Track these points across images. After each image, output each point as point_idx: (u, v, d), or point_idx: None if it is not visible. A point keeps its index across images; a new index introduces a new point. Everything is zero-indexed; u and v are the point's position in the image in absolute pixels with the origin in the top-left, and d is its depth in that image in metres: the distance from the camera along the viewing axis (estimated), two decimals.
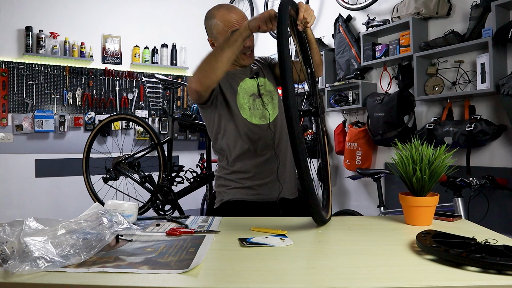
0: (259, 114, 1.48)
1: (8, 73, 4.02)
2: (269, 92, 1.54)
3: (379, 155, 3.25)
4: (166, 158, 2.61)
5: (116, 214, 0.92)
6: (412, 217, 1.07)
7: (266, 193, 1.45)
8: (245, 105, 1.48)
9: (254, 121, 1.47)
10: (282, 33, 0.99)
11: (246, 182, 1.45)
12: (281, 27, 1.00)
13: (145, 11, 4.71)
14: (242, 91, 1.49)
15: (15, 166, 4.03)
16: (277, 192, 1.44)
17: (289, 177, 1.51)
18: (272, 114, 1.50)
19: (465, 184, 2.07)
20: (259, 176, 1.45)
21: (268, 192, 1.45)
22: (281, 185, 1.44)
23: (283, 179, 1.46)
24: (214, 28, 1.46)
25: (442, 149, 1.05)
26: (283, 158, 1.48)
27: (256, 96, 1.50)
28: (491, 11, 2.28)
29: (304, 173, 0.95)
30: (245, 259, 0.79)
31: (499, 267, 0.68)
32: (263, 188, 1.45)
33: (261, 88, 1.52)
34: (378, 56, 3.05)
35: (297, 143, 0.95)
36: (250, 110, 1.48)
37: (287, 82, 0.96)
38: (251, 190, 1.45)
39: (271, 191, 1.45)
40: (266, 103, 1.51)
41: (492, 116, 2.43)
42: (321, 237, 0.96)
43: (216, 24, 1.45)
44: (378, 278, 0.68)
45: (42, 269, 0.69)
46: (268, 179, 1.45)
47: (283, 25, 1.01)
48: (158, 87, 4.73)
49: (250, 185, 1.45)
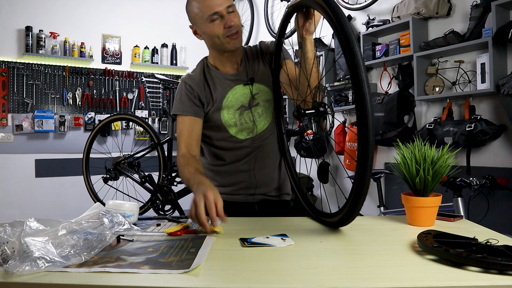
0: (247, 129, 1.38)
1: (8, 73, 4.02)
2: (265, 102, 1.39)
3: (379, 155, 3.25)
4: (166, 158, 2.61)
5: (117, 215, 0.92)
6: (414, 218, 1.07)
7: (239, 197, 1.42)
8: (231, 121, 1.36)
9: (240, 136, 1.38)
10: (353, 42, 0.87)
11: (217, 182, 1.43)
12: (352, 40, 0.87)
13: (145, 11, 4.71)
14: (227, 106, 1.36)
15: (15, 166, 4.03)
16: (251, 195, 1.41)
17: (269, 180, 1.44)
18: (263, 125, 1.39)
19: (465, 184, 2.07)
20: (231, 178, 1.42)
21: (238, 195, 1.42)
22: (255, 189, 1.41)
23: (261, 183, 1.42)
24: (190, 12, 1.32)
25: (445, 149, 1.05)
26: (261, 162, 1.42)
27: (245, 108, 1.37)
28: (491, 11, 2.28)
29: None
30: (246, 259, 0.79)
31: (500, 267, 0.68)
32: (236, 191, 1.42)
33: (256, 97, 1.37)
34: (378, 56, 3.05)
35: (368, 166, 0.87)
36: (237, 126, 1.37)
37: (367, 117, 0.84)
38: (223, 188, 1.42)
39: (244, 194, 1.42)
40: (259, 114, 1.38)
41: (492, 116, 2.43)
42: (322, 237, 0.96)
43: (193, 6, 1.30)
44: (379, 278, 0.68)
45: (42, 269, 0.69)
46: (242, 184, 1.41)
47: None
48: (158, 87, 4.72)
49: (222, 185, 1.43)
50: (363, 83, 0.84)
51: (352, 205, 0.90)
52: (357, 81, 0.84)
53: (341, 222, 0.98)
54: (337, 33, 0.89)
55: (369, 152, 0.85)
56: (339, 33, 0.88)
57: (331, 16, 0.90)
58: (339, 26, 0.88)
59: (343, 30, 0.88)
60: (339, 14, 0.89)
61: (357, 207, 0.90)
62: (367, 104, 0.83)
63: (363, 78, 0.84)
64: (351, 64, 0.85)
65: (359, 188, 0.87)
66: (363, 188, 0.87)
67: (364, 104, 0.83)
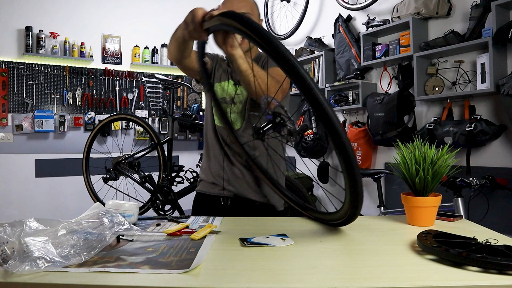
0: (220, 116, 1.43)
1: (8, 73, 4.02)
2: (241, 103, 1.44)
3: (379, 155, 3.25)
4: (166, 158, 2.61)
5: (117, 215, 0.92)
6: (414, 218, 1.07)
7: (215, 189, 1.47)
8: (221, 97, 1.46)
9: (217, 122, 1.46)
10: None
11: (201, 174, 1.54)
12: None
13: (145, 11, 4.71)
14: (219, 89, 1.46)
15: (15, 166, 4.03)
16: (229, 189, 1.44)
17: (244, 178, 1.45)
18: (234, 123, 1.43)
19: (465, 184, 2.07)
20: (211, 171, 1.49)
21: (215, 188, 1.47)
22: (226, 183, 1.44)
23: (234, 179, 1.44)
24: None
25: (445, 149, 1.05)
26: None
27: (226, 102, 1.45)
28: (491, 11, 2.29)
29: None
30: (246, 259, 0.79)
31: (500, 267, 0.68)
32: (215, 183, 1.48)
33: (237, 96, 1.44)
34: (378, 56, 3.05)
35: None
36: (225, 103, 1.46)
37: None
38: (204, 182, 1.52)
39: (222, 187, 1.46)
40: (233, 111, 1.43)
41: (492, 116, 2.43)
42: (322, 237, 0.96)
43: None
44: (379, 278, 0.68)
45: (42, 269, 0.69)
46: (216, 177, 1.48)
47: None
48: (158, 87, 4.73)
49: (204, 178, 1.52)
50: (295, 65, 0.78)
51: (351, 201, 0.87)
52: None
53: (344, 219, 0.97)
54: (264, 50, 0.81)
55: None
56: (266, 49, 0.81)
57: (253, 37, 0.83)
58: (265, 42, 0.81)
59: (269, 44, 0.80)
60: (262, 31, 0.81)
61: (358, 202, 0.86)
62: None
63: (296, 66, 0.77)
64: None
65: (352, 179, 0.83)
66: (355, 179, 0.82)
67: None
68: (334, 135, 0.78)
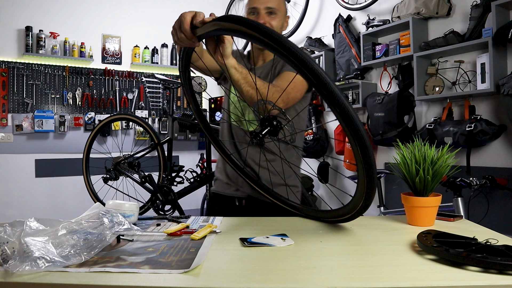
0: (236, 117, 1.45)
1: (8, 73, 4.02)
2: None
3: (379, 155, 3.25)
4: (166, 158, 2.61)
5: (117, 215, 0.92)
6: (414, 218, 1.07)
7: (229, 189, 1.49)
8: (234, 99, 1.44)
9: (232, 121, 1.47)
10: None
11: (217, 173, 1.56)
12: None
13: (145, 11, 4.71)
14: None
15: (15, 166, 4.03)
16: (243, 190, 1.45)
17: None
18: (251, 124, 1.40)
19: (465, 184, 2.07)
20: (226, 170, 1.50)
21: (230, 189, 1.49)
22: (238, 185, 1.46)
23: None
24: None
25: (445, 149, 1.05)
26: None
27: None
28: (491, 11, 2.29)
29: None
30: (246, 259, 0.79)
31: (500, 267, 0.68)
32: (229, 183, 1.49)
33: None
34: (378, 56, 3.05)
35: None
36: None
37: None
38: (220, 182, 1.53)
39: (236, 187, 1.47)
40: (249, 111, 1.41)
41: (492, 116, 2.43)
42: (322, 237, 0.96)
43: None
44: (379, 277, 0.68)
45: (42, 269, 0.69)
46: (231, 177, 1.49)
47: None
48: (158, 87, 4.73)
49: (219, 177, 1.54)
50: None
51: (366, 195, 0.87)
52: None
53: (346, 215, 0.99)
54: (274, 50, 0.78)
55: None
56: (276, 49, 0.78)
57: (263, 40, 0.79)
58: (271, 40, 0.77)
59: (274, 41, 0.77)
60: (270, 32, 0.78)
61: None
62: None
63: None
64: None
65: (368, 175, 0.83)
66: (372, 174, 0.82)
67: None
68: (349, 122, 0.76)
